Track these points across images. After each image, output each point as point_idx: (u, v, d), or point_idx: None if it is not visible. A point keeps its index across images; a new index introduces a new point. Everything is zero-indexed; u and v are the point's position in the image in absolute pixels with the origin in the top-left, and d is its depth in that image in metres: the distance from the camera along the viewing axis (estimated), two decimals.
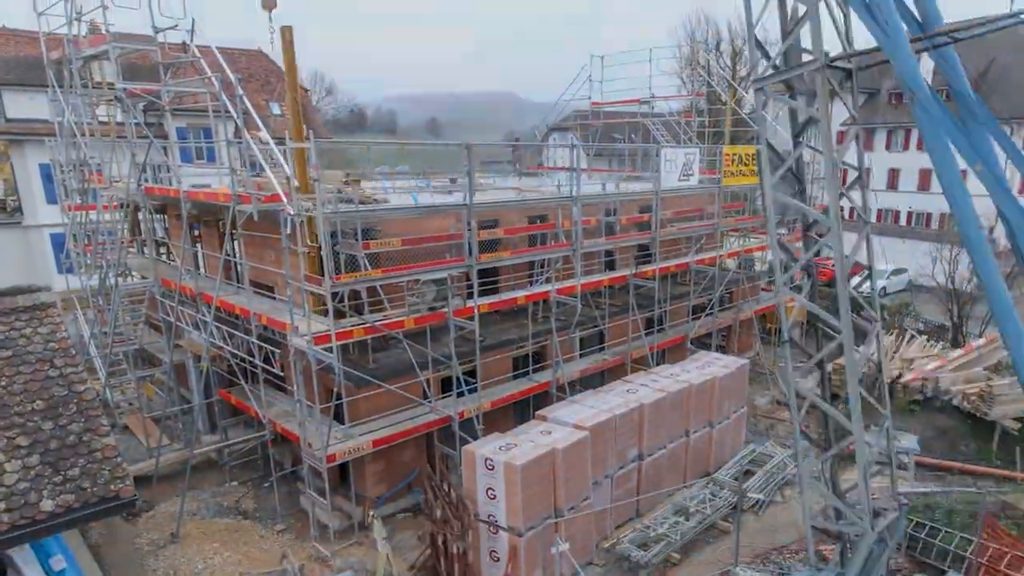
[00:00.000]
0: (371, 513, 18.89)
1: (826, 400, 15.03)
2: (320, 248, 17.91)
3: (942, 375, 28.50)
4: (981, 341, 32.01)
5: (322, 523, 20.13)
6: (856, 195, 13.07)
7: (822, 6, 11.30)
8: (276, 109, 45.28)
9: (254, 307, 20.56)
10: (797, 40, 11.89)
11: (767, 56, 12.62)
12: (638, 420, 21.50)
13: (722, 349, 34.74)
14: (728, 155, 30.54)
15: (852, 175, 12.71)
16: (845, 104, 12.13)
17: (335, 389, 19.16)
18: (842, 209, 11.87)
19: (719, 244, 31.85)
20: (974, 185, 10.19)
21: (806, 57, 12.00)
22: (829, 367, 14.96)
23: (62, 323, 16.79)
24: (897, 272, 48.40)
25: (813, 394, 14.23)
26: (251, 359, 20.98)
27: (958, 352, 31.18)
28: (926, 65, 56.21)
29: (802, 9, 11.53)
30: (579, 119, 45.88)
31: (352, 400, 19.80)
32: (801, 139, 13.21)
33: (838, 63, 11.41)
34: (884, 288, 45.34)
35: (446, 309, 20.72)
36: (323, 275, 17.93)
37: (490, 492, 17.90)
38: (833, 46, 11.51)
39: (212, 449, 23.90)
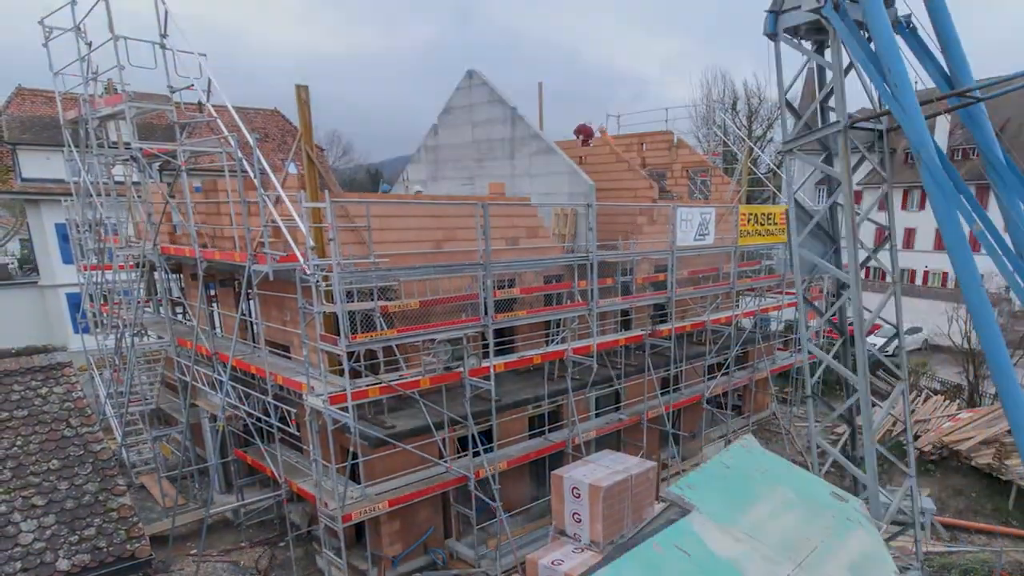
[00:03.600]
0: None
1: (852, 456, 14.94)
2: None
3: (957, 435, 28.24)
4: (998, 404, 31.73)
5: None
6: (885, 255, 13.13)
7: (854, 68, 11.46)
8: (292, 168, 45.63)
9: (270, 367, 20.57)
10: (835, 99, 12.03)
11: (798, 117, 12.76)
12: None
13: (738, 409, 34.55)
14: (744, 215, 30.64)
15: (876, 235, 12.93)
16: (874, 165, 12.20)
17: (351, 448, 19.06)
18: (869, 270, 11.96)
19: (735, 303, 31.78)
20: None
21: (831, 118, 12.14)
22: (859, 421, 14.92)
23: (78, 383, 16.83)
24: (912, 331, 47.97)
25: (828, 445, 14.14)
26: (267, 419, 20.91)
27: (975, 412, 30.90)
28: (942, 126, 56.68)
29: (829, 74, 11.68)
30: None
31: (368, 459, 19.67)
32: (834, 198, 13.30)
33: (864, 124, 11.52)
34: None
35: (462, 369, 20.69)
36: (339, 335, 17.93)
37: None
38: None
39: (228, 509, 23.74)
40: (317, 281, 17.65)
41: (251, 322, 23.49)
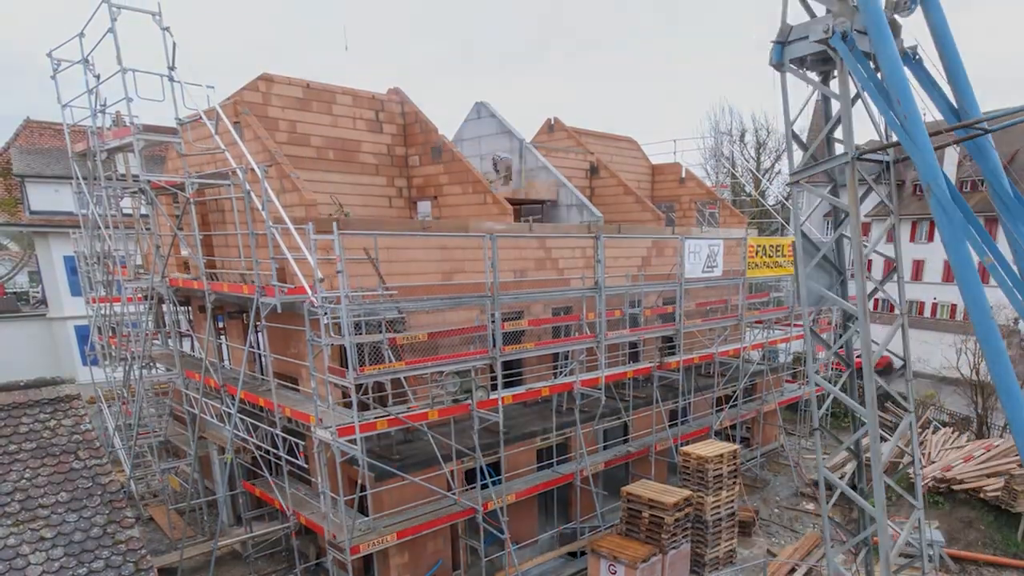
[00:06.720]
0: None
1: (860, 489, 14.85)
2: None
3: (966, 468, 28.08)
4: (1005, 439, 31.64)
5: None
6: (891, 287, 13.12)
7: (860, 100, 11.48)
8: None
9: (278, 399, 20.54)
10: (842, 130, 12.03)
11: (804, 148, 12.78)
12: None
13: (746, 441, 34.38)
14: (752, 246, 30.66)
15: (884, 267, 12.96)
16: (881, 196, 12.20)
17: (359, 481, 19.00)
18: (877, 302, 11.99)
19: (743, 335, 31.74)
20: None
21: (838, 149, 12.13)
22: (865, 456, 14.86)
23: (86, 415, 16.79)
24: None
25: (835, 478, 14.09)
26: (275, 451, 20.87)
27: (987, 448, 30.70)
28: (951, 157, 56.74)
29: (835, 105, 11.69)
30: None
31: (376, 491, 19.61)
32: (841, 230, 13.31)
33: (871, 156, 11.51)
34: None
35: (470, 401, 20.65)
36: (347, 367, 17.91)
37: None
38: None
39: (236, 541, 23.56)
40: (325, 313, 17.64)
41: (259, 354, 23.49)
